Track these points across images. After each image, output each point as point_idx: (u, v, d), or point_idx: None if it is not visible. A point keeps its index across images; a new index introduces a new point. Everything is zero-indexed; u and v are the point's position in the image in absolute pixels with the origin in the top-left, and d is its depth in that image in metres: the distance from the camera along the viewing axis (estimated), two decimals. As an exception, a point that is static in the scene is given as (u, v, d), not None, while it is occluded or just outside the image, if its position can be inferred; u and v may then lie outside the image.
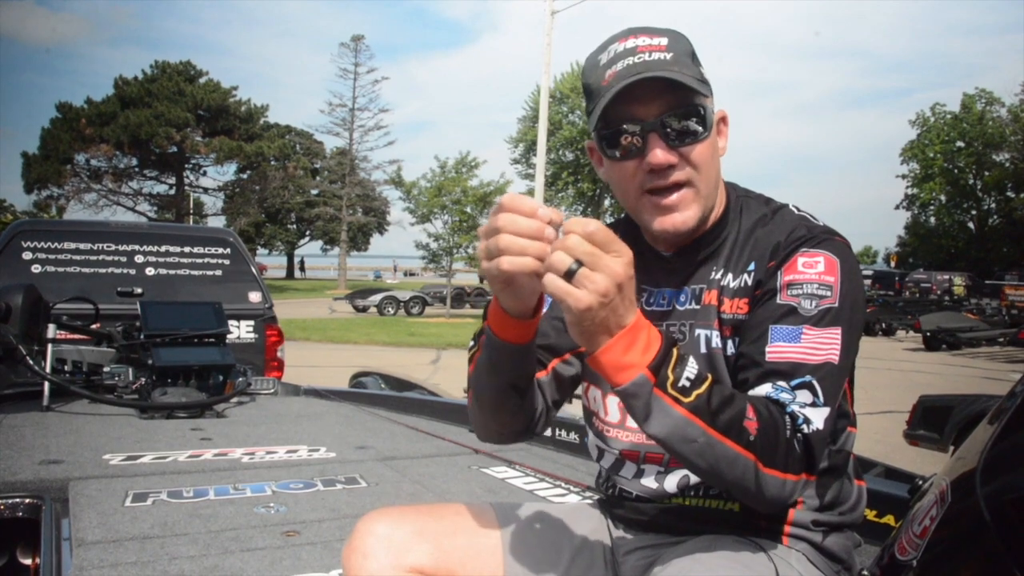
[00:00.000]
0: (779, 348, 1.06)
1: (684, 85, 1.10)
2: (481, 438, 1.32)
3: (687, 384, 0.96)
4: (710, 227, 1.22)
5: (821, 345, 1.06)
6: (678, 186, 1.14)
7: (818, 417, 1.03)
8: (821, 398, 1.03)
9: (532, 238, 0.95)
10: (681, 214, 1.15)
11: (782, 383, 1.04)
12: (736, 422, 0.97)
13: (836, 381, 1.06)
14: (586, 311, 0.91)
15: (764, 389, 1.05)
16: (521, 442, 1.32)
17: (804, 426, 1.02)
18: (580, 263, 0.91)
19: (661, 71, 1.10)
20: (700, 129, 1.13)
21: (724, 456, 0.97)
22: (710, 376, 0.99)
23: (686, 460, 1.00)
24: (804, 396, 1.03)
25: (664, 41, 1.13)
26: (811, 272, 1.09)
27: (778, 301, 1.09)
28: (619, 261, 0.92)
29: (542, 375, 1.28)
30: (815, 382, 1.04)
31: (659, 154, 1.11)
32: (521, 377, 1.19)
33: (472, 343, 1.22)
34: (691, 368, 0.97)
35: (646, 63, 1.11)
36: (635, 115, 1.12)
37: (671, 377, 0.95)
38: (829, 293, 1.08)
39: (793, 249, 1.12)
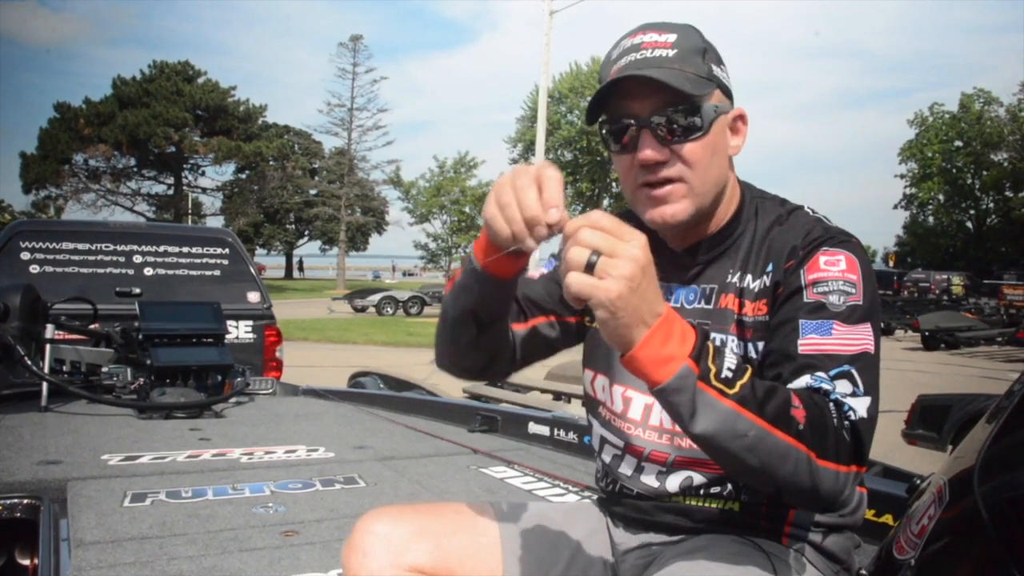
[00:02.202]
0: (812, 341, 1.04)
1: (671, 85, 1.09)
2: (438, 364, 1.32)
3: (730, 375, 0.93)
4: (722, 227, 1.21)
5: (854, 338, 1.04)
6: (670, 180, 1.14)
7: (861, 406, 1.00)
8: (861, 387, 1.01)
9: (528, 222, 0.97)
10: (671, 207, 1.14)
11: (820, 374, 1.02)
12: (784, 411, 0.94)
13: (874, 371, 1.04)
14: (617, 299, 0.88)
15: (803, 380, 1.02)
16: (476, 381, 1.34)
17: (850, 413, 0.99)
18: (598, 254, 0.89)
19: (653, 69, 1.10)
20: (693, 128, 1.12)
21: (775, 449, 0.93)
22: (750, 367, 0.96)
23: (735, 459, 0.95)
24: (844, 386, 1.01)
25: (672, 38, 1.13)
26: (834, 270, 1.09)
27: (805, 299, 1.08)
28: (635, 244, 0.90)
29: (520, 327, 1.28)
30: (854, 372, 1.02)
31: (647, 152, 1.12)
32: (491, 310, 1.17)
33: (457, 266, 1.21)
34: (730, 358, 0.95)
35: (646, 60, 1.11)
36: (630, 111, 1.13)
37: (713, 368, 0.92)
38: (854, 290, 1.07)
39: (813, 249, 1.11)
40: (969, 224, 45.43)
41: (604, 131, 1.17)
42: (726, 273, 1.19)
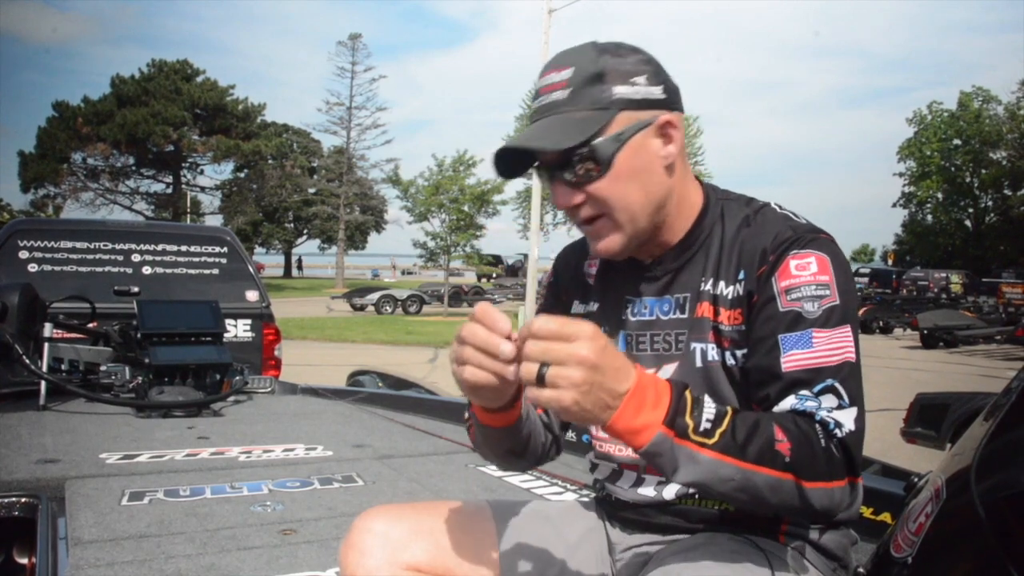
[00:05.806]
0: (794, 356, 1.05)
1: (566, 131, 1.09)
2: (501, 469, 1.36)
3: (708, 426, 0.95)
4: (686, 233, 1.20)
5: (835, 346, 1.05)
6: (594, 218, 1.15)
7: (848, 418, 1.02)
8: (846, 399, 1.03)
9: (488, 354, 0.96)
10: (603, 241, 1.16)
11: (805, 392, 1.03)
12: (767, 449, 0.96)
13: (857, 379, 1.06)
14: (572, 405, 0.89)
15: (788, 402, 1.04)
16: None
17: (836, 431, 1.01)
18: (547, 364, 0.90)
19: (543, 122, 1.11)
20: (592, 170, 1.10)
21: (765, 484, 0.96)
22: (730, 410, 0.98)
23: (727, 498, 0.99)
24: (829, 401, 1.02)
25: (567, 74, 1.11)
26: (806, 274, 1.08)
27: (780, 309, 1.08)
28: (580, 344, 0.89)
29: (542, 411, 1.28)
30: (837, 384, 1.03)
31: (560, 200, 1.15)
32: (517, 444, 1.21)
33: (467, 414, 1.23)
34: (709, 408, 0.96)
35: (543, 107, 1.12)
36: (541, 161, 1.15)
37: (691, 424, 0.94)
38: (828, 292, 1.07)
39: (782, 253, 1.10)
40: (968, 222, 45.43)
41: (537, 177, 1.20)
42: (698, 280, 1.18)
